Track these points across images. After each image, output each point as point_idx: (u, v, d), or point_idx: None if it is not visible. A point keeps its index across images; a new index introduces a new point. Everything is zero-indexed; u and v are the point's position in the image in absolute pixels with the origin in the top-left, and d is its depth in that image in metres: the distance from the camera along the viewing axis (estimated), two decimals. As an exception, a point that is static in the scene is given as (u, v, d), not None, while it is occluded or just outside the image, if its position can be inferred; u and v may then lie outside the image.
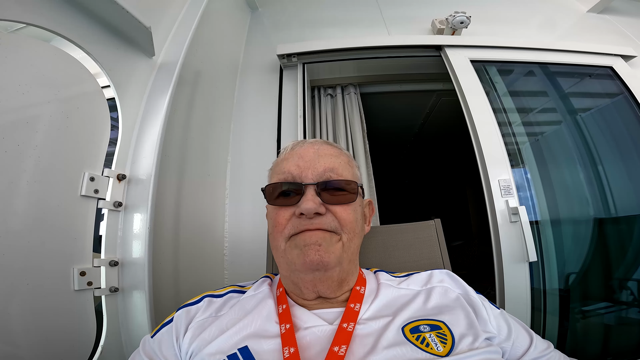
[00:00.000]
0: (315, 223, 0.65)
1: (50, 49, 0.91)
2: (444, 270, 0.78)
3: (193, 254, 1.37)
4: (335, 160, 0.73)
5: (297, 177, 0.69)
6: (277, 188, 0.69)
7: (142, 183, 1.07)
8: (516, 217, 1.43)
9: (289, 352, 0.55)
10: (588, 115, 1.92)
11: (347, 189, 0.70)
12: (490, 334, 0.64)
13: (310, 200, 0.64)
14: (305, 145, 0.76)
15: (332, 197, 0.68)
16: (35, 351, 0.79)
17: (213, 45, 1.69)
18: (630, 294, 1.59)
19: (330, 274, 0.67)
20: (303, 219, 0.65)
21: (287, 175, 0.69)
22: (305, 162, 0.70)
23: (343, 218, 0.68)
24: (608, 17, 2.48)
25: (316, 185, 0.67)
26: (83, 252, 0.94)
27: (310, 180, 0.68)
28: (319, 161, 0.70)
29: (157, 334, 0.67)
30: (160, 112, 1.14)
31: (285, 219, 0.67)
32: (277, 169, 0.74)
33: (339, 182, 0.69)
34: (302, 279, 0.67)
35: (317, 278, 0.67)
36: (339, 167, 0.72)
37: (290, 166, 0.70)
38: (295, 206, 0.66)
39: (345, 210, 0.69)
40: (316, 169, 0.69)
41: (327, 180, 0.69)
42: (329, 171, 0.70)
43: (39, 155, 0.84)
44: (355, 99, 2.16)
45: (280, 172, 0.72)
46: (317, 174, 0.68)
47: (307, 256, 0.62)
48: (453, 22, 1.95)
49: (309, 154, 0.72)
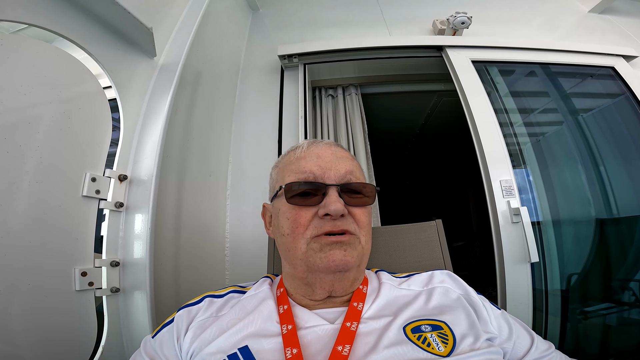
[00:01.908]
0: (339, 225, 0.64)
1: (52, 49, 0.91)
2: (445, 271, 0.78)
3: (194, 254, 1.37)
4: (352, 163, 0.73)
5: (319, 177, 0.67)
6: (299, 187, 0.67)
7: (143, 184, 1.07)
8: (518, 218, 1.42)
9: (291, 353, 0.54)
10: (589, 115, 1.91)
11: (365, 192, 0.70)
12: (491, 335, 0.64)
13: (337, 201, 0.63)
14: (321, 145, 0.75)
15: (351, 199, 0.67)
16: (36, 351, 0.79)
17: (214, 46, 1.69)
18: (632, 295, 1.59)
19: (349, 274, 0.68)
20: (327, 220, 0.64)
21: (309, 175, 0.68)
22: (326, 162, 0.69)
23: (361, 220, 0.68)
24: (609, 18, 2.47)
25: (338, 187, 0.66)
26: (84, 252, 0.94)
27: (332, 181, 0.67)
28: (339, 163, 0.70)
29: (158, 334, 0.67)
30: (162, 113, 1.15)
31: (307, 219, 0.65)
32: (293, 167, 0.71)
33: (358, 185, 0.69)
34: (322, 279, 0.67)
35: (337, 278, 0.67)
36: (356, 170, 0.73)
37: (312, 166, 0.69)
38: (318, 207, 0.65)
39: (363, 213, 0.69)
40: (338, 170, 0.68)
41: (349, 182, 0.68)
42: (349, 174, 0.69)
43: (40, 155, 0.84)
44: (356, 100, 2.16)
45: (299, 170, 0.69)
46: (339, 176, 0.68)
47: (333, 259, 0.62)
48: (454, 22, 1.95)
49: (327, 155, 0.71)
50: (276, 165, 0.81)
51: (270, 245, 1.13)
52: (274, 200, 0.75)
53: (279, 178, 0.75)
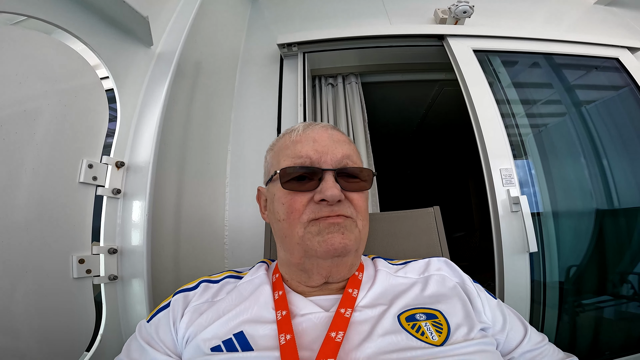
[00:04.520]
0: (335, 210, 0.63)
1: (50, 40, 0.91)
2: (442, 258, 0.78)
3: (193, 242, 1.37)
4: (349, 147, 0.72)
5: (315, 161, 0.66)
6: (295, 172, 0.66)
7: (140, 170, 1.07)
8: (517, 207, 1.42)
9: (285, 339, 0.54)
10: (592, 107, 1.90)
11: (362, 176, 0.69)
12: (484, 325, 0.64)
13: (333, 186, 0.63)
14: (317, 128, 0.73)
15: (348, 183, 0.67)
16: (34, 340, 0.79)
17: (213, 36, 1.68)
18: (631, 288, 1.59)
19: (346, 259, 0.68)
20: (323, 205, 0.63)
21: (305, 160, 0.66)
22: (322, 146, 0.68)
23: (359, 205, 0.67)
24: (615, 10, 2.43)
25: (335, 171, 0.65)
26: (82, 239, 0.94)
27: (329, 165, 0.66)
28: (336, 147, 0.69)
29: (153, 318, 0.67)
30: (159, 101, 1.14)
31: (303, 204, 0.64)
32: (289, 151, 0.70)
33: (355, 170, 0.69)
34: (319, 264, 0.67)
35: (335, 264, 0.67)
36: (353, 154, 0.72)
37: (308, 150, 0.67)
38: (314, 192, 0.64)
39: (360, 198, 0.68)
40: (335, 155, 0.67)
41: (345, 167, 0.68)
42: (346, 158, 0.68)
43: (37, 143, 0.84)
44: (357, 89, 2.15)
45: (294, 155, 0.68)
46: (335, 160, 0.67)
47: (332, 242, 0.61)
48: (456, 11, 1.92)
49: (324, 139, 0.70)
50: (271, 149, 0.80)
51: (267, 230, 1.13)
52: (269, 184, 0.74)
53: (274, 162, 0.74)
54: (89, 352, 0.90)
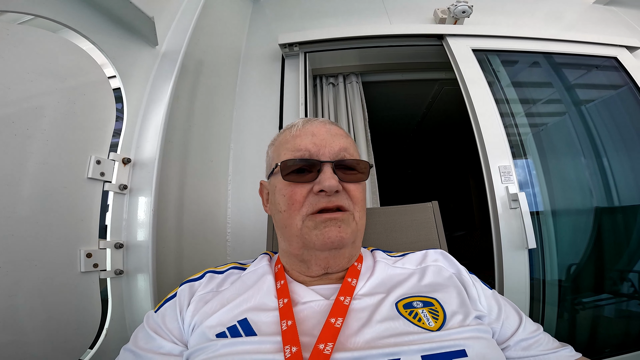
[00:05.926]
0: (333, 200, 0.66)
1: (57, 39, 0.93)
2: (439, 250, 0.80)
3: (196, 238, 1.39)
4: (346, 140, 0.75)
5: (314, 154, 0.69)
6: (294, 164, 0.69)
7: (146, 167, 1.09)
8: (516, 204, 1.43)
9: (286, 325, 0.56)
10: (591, 106, 1.90)
11: (359, 168, 0.72)
12: (480, 312, 0.66)
13: (331, 177, 0.65)
14: (316, 123, 0.76)
15: (345, 175, 0.69)
16: (41, 333, 0.81)
17: (215, 35, 1.70)
18: (631, 286, 1.59)
19: (344, 251, 0.70)
20: (322, 197, 0.66)
21: (304, 152, 0.69)
22: (321, 139, 0.71)
23: (355, 196, 0.70)
24: (614, 9, 2.44)
25: (333, 163, 0.68)
26: (89, 234, 0.96)
27: (327, 158, 0.69)
28: (334, 140, 0.72)
29: (160, 308, 0.69)
30: (164, 99, 1.16)
31: (302, 196, 0.67)
32: (289, 145, 0.73)
33: (352, 162, 0.71)
34: (317, 256, 0.69)
35: (332, 255, 0.69)
36: (350, 147, 0.74)
37: (307, 143, 0.70)
38: (313, 183, 0.67)
39: (357, 189, 0.71)
40: (332, 147, 0.70)
41: (343, 159, 0.70)
42: (343, 150, 0.71)
43: (46, 138, 0.86)
44: (357, 88, 2.17)
45: (294, 148, 0.71)
46: (333, 153, 0.70)
47: (329, 236, 0.64)
48: (455, 11, 1.94)
49: (322, 132, 0.73)
50: (272, 144, 0.83)
51: (269, 223, 1.15)
52: (271, 177, 0.77)
53: (275, 156, 0.77)
54: (94, 347, 0.92)
